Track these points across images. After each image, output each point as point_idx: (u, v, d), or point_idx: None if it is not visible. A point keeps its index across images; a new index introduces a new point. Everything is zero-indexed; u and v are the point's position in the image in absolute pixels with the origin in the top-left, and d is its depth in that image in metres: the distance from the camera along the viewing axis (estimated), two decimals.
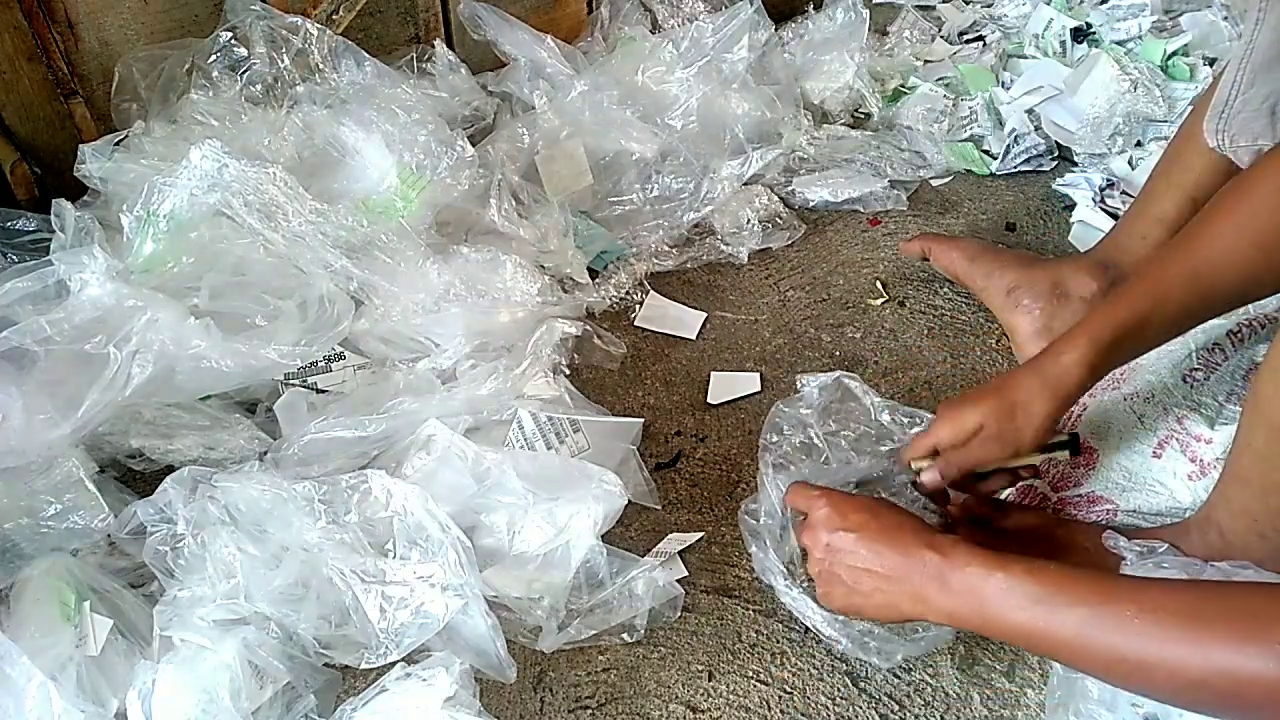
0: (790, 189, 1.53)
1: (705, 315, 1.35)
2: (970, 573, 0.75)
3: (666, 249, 1.42)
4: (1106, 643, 0.66)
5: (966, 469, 0.92)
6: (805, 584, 0.97)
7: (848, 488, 1.05)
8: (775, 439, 1.06)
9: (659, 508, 1.11)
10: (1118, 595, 0.67)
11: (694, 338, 1.32)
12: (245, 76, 1.31)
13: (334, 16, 1.41)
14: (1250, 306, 1.07)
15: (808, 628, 0.99)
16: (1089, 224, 1.45)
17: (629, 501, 1.04)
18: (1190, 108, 1.19)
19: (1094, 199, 1.47)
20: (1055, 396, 0.87)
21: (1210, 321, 1.04)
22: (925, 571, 0.77)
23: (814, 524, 0.86)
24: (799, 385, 1.08)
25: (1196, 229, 0.86)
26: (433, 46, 1.47)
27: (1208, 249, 0.84)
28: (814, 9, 1.76)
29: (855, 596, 0.83)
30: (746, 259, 1.42)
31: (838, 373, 1.06)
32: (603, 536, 0.99)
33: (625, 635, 0.98)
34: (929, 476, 0.93)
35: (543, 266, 1.32)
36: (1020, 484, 1.06)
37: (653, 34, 1.60)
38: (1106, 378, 1.06)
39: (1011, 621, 0.72)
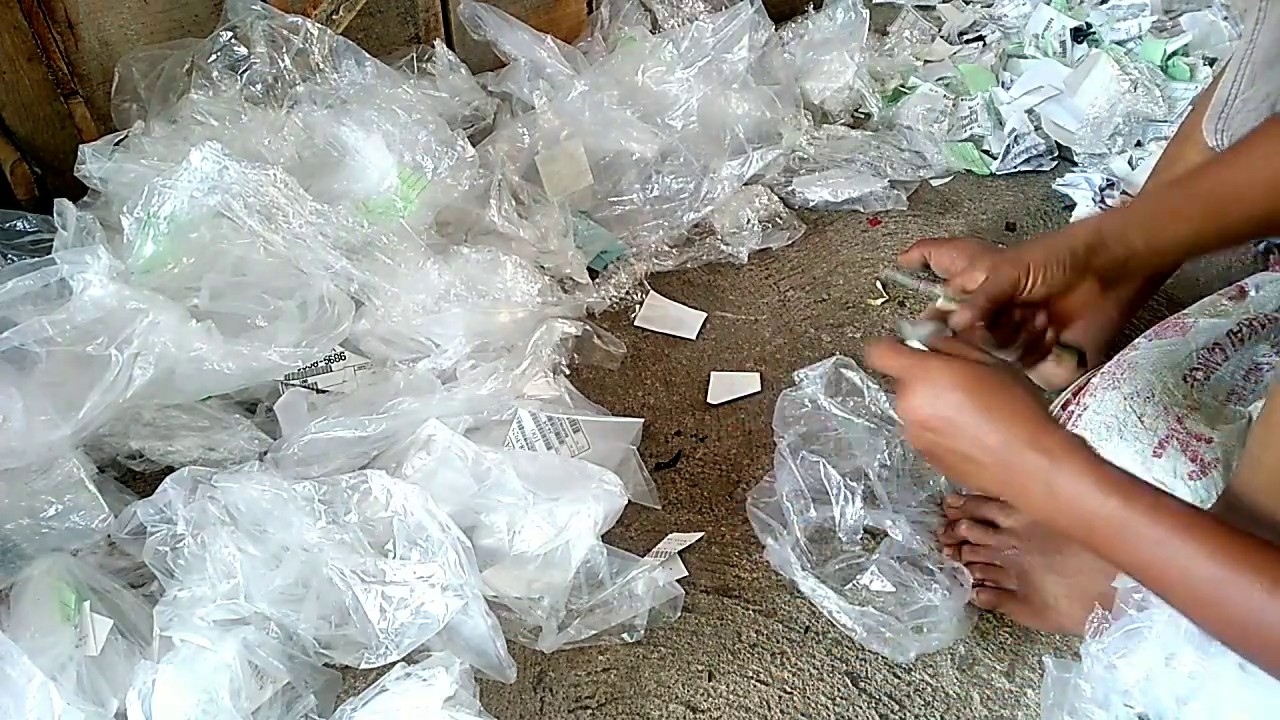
0: (790, 189, 1.53)
1: (705, 315, 1.35)
2: (1082, 491, 0.68)
3: (666, 249, 1.42)
4: (1243, 607, 0.61)
5: (997, 293, 0.84)
6: (821, 574, 0.99)
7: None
8: (787, 419, 1.06)
9: (659, 508, 1.11)
10: (1256, 561, 0.62)
11: (694, 338, 1.32)
12: (245, 76, 1.31)
13: (334, 16, 1.41)
14: (1250, 306, 1.07)
15: (808, 627, 1.00)
16: None
17: (629, 501, 1.04)
18: (1190, 107, 1.19)
19: (1094, 199, 1.47)
20: (1068, 234, 0.84)
21: (1210, 321, 1.05)
22: (1029, 473, 0.71)
23: (906, 397, 0.77)
24: (796, 379, 1.09)
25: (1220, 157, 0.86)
26: (433, 46, 1.47)
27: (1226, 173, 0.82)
28: (814, 9, 1.77)
29: (955, 475, 0.79)
30: (746, 259, 1.42)
31: (835, 358, 1.07)
32: (603, 536, 0.99)
33: (625, 635, 0.98)
34: (961, 318, 0.83)
35: (543, 266, 1.32)
36: None
37: (653, 34, 1.60)
38: (1106, 377, 1.07)
39: (1122, 557, 0.67)
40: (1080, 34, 1.70)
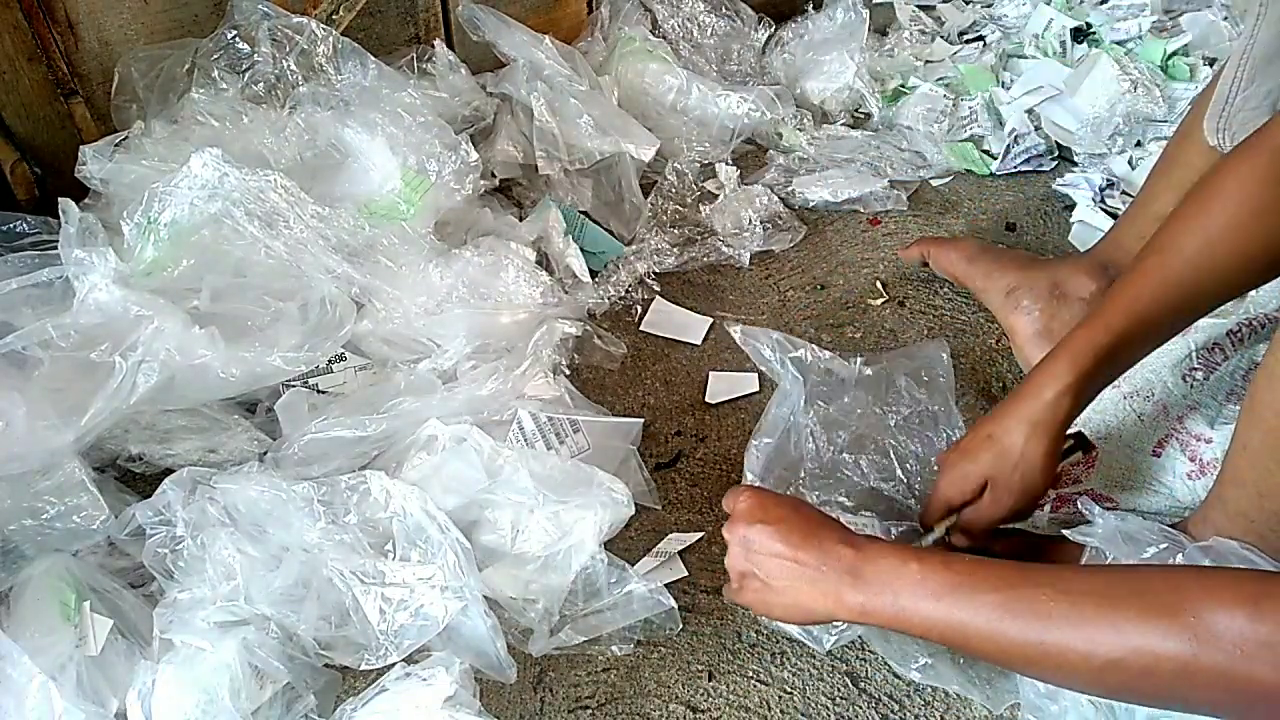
0: (790, 189, 1.53)
1: (711, 321, 1.34)
2: (884, 565, 0.74)
3: (666, 249, 1.42)
4: (1020, 627, 0.65)
5: (991, 527, 0.90)
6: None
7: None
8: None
9: (659, 508, 1.11)
10: (1033, 579, 0.67)
11: (699, 343, 1.32)
12: (248, 76, 1.30)
13: (334, 16, 1.40)
14: (1250, 306, 1.07)
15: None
16: (1089, 224, 1.45)
17: None
18: (1190, 107, 1.19)
19: (1094, 199, 1.47)
20: (1048, 435, 0.85)
21: (1210, 321, 1.05)
22: (840, 566, 0.76)
23: (736, 517, 0.84)
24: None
25: (1166, 239, 0.84)
26: (433, 46, 1.47)
27: (1179, 259, 0.82)
28: (814, 9, 1.76)
29: (768, 593, 0.82)
30: (748, 262, 1.42)
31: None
32: None
33: (615, 648, 0.98)
34: (958, 542, 0.92)
35: (543, 267, 1.32)
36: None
37: (653, 34, 1.60)
38: None
39: (924, 612, 0.71)
40: (1080, 34, 1.70)
